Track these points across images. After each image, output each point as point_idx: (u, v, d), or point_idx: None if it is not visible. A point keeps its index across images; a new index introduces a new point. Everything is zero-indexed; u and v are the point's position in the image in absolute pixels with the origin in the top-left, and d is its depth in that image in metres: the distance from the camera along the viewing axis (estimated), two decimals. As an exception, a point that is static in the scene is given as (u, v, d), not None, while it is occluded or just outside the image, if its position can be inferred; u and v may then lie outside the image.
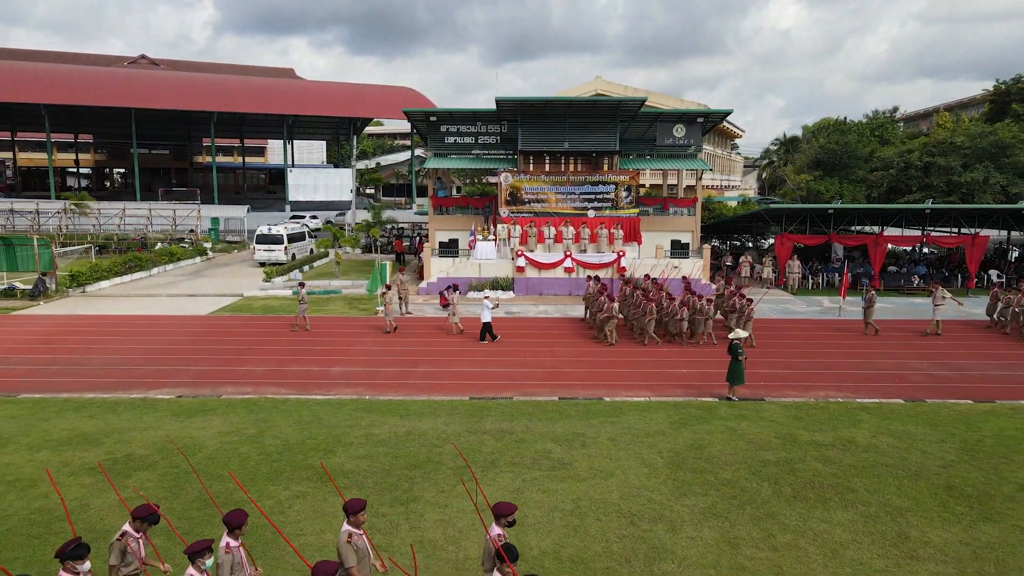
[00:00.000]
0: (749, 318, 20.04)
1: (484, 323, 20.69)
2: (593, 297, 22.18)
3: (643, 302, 20.86)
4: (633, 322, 21.28)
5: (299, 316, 21.91)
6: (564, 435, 13.03)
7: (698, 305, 20.69)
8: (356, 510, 6.95)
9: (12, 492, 10.53)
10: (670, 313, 20.76)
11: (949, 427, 13.56)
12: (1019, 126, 47.88)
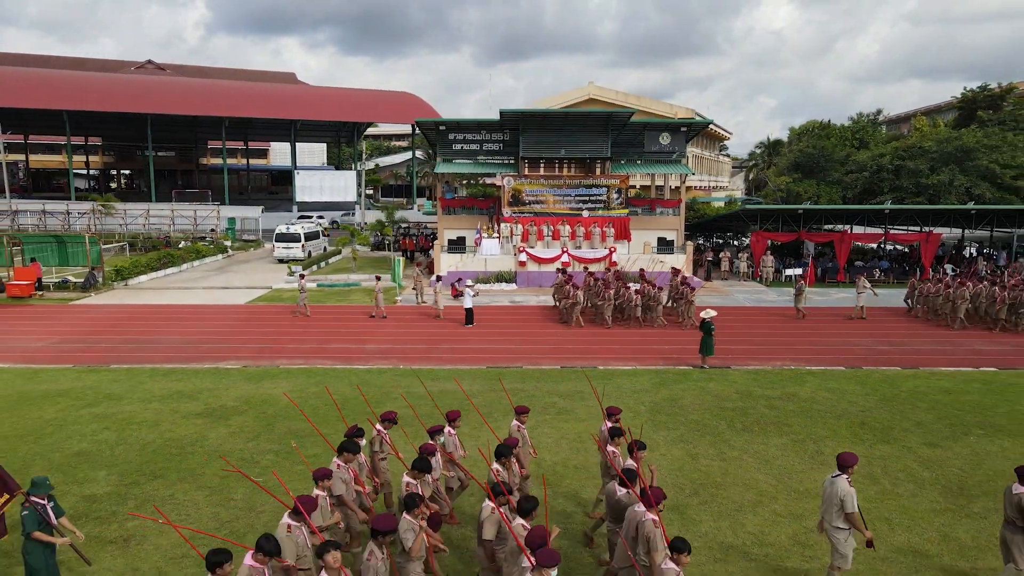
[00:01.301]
0: (691, 302, 23.42)
1: (467, 309, 23.84)
2: (560, 287, 25.38)
3: (603, 290, 24.12)
4: (596, 308, 24.51)
5: (300, 303, 24.99)
6: (566, 392, 16.22)
7: (651, 293, 23.98)
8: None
9: (144, 429, 13.65)
10: (626, 300, 24.02)
11: (875, 385, 16.84)
12: (984, 132, 51.36)
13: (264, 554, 6.19)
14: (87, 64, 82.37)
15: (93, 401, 15.38)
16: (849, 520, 7.92)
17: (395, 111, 70.87)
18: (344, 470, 8.46)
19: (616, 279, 25.96)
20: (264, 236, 50.45)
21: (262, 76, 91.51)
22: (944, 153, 47.94)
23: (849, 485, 7.97)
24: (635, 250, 33.11)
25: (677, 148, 34.12)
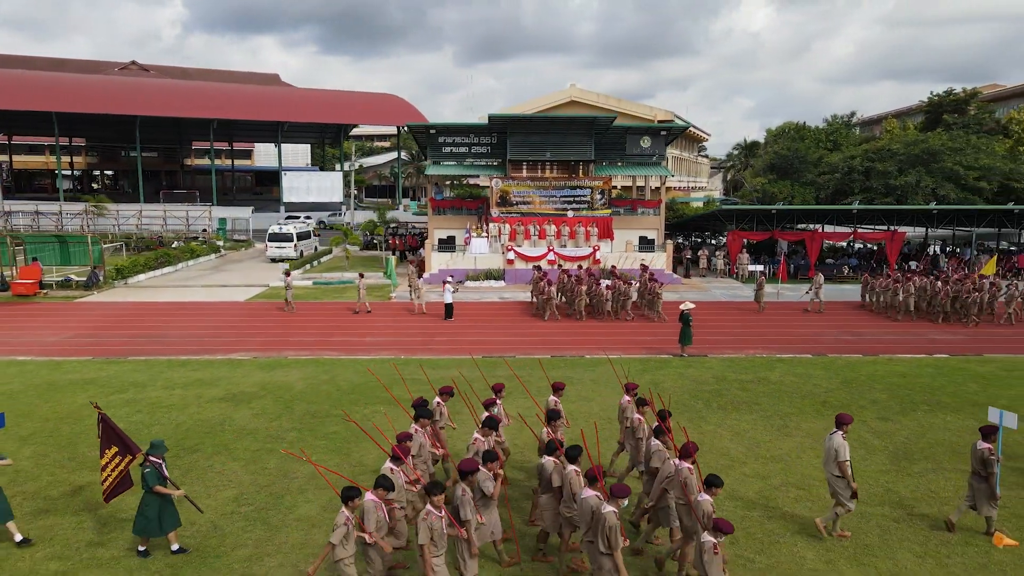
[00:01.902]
0: (658, 296, 25.05)
1: (447, 304, 25.19)
2: (536, 283, 26.81)
3: (575, 286, 25.62)
4: (569, 302, 25.98)
5: (286, 299, 26.29)
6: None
7: (621, 288, 25.52)
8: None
9: (173, 411, 14.89)
10: (597, 295, 25.53)
11: (838, 370, 18.48)
12: (949, 135, 53.66)
13: (384, 490, 7.84)
14: (69, 65, 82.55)
15: (120, 388, 16.58)
16: (841, 468, 9.47)
17: (380, 113, 72.04)
18: (421, 434, 9.97)
19: (588, 275, 27.43)
20: (254, 236, 51.45)
21: (246, 77, 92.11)
22: (911, 155, 50.12)
23: (843, 439, 9.57)
24: (618, 249, 34.70)
25: (657, 151, 35.74)
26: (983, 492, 9.67)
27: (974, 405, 15.48)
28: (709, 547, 7.21)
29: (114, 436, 9.57)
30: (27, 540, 9.35)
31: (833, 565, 9.05)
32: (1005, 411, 10.45)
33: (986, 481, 9.62)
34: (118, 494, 9.75)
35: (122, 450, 9.53)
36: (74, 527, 9.91)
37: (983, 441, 9.70)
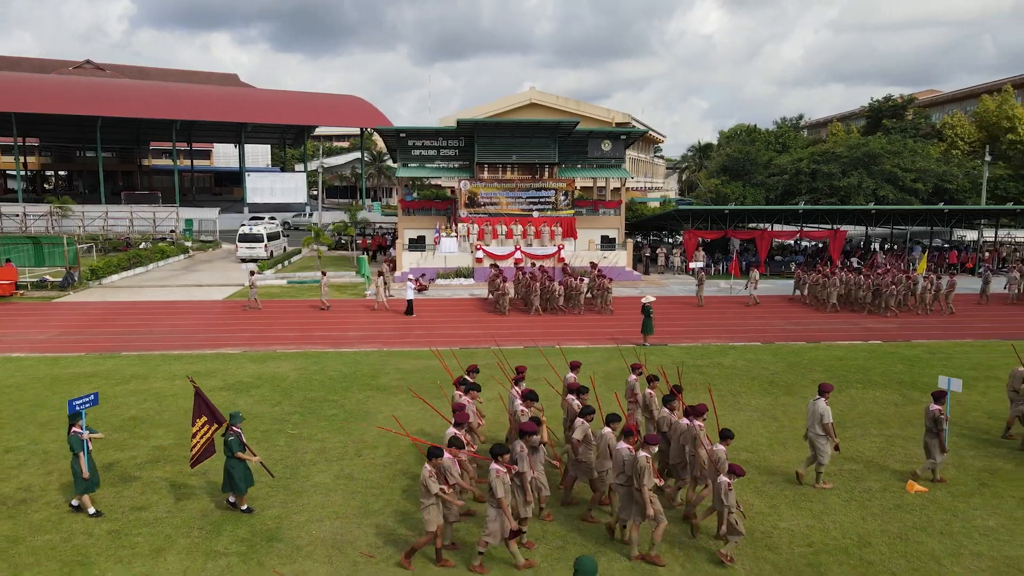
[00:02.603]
0: (607, 292, 26.85)
1: (408, 300, 26.56)
2: (492, 280, 28.34)
3: (530, 283, 27.25)
4: (524, 298, 27.57)
5: (251, 298, 27.30)
6: (534, 366, 19.21)
7: (573, 284, 27.24)
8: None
9: (179, 399, 15.98)
10: (550, 291, 27.19)
11: (784, 356, 20.47)
12: (888, 139, 56.93)
13: (457, 448, 9.53)
14: (23, 64, 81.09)
15: (122, 380, 17.59)
16: (825, 429, 11.31)
17: (344, 114, 72.65)
18: (472, 404, 11.61)
19: (541, 273, 29.02)
20: (221, 237, 51.86)
21: (205, 77, 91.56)
22: (854, 158, 53.10)
23: (826, 405, 11.40)
24: (581, 247, 36.47)
25: (617, 154, 37.62)
26: (935, 445, 11.56)
27: (900, 383, 17.57)
28: (725, 486, 9.09)
29: (204, 408, 10.82)
30: (99, 512, 10.49)
31: (776, 509, 10.79)
32: (952, 378, 12.38)
33: (937, 436, 11.52)
34: (203, 460, 10.96)
35: (210, 420, 10.80)
36: (114, 496, 11.09)
37: (934, 404, 11.62)
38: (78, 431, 10.44)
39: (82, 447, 10.35)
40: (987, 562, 9.25)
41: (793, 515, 10.56)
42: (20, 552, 9.38)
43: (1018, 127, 58.06)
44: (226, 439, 10.42)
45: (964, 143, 60.87)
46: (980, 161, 53.07)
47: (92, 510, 10.44)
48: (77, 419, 10.55)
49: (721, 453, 9.70)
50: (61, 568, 9.01)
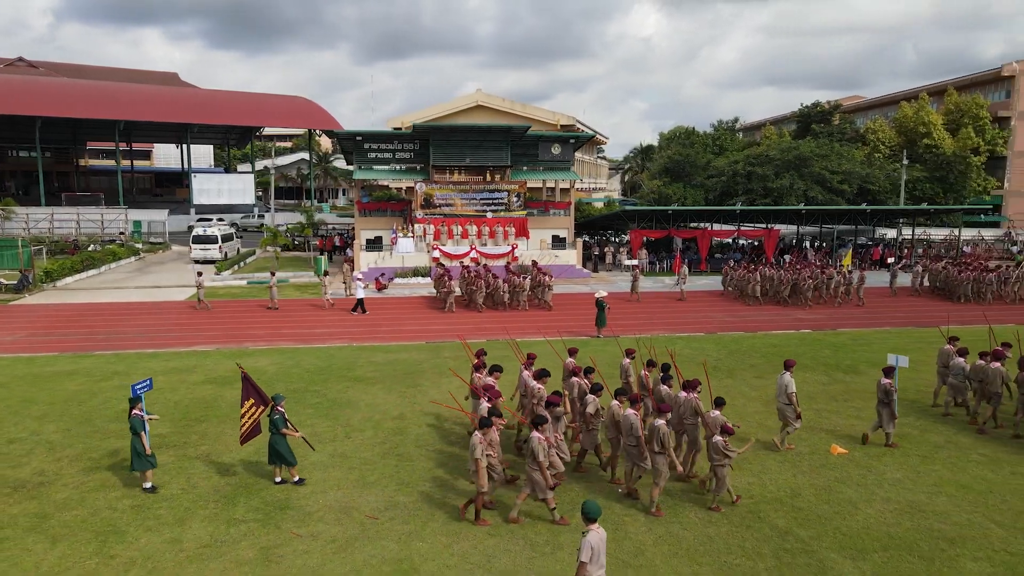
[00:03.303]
0: (548, 288, 28.50)
1: (358, 299, 27.62)
2: (439, 279, 29.63)
3: (474, 280, 28.68)
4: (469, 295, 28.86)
5: (199, 299, 27.97)
6: (497, 358, 20.52)
7: (516, 282, 28.74)
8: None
9: (167, 392, 16.81)
10: (494, 288, 28.67)
11: (725, 344, 22.44)
12: (816, 142, 60.36)
13: (499, 417, 10.95)
14: (-50, 61, 78.10)
15: (104, 377, 18.26)
16: (789, 398, 13.15)
17: (292, 116, 72.45)
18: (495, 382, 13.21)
19: (485, 271, 30.41)
20: (170, 238, 51.57)
21: (145, 76, 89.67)
22: (786, 161, 56.16)
23: (791, 378, 13.26)
24: (533, 247, 38.07)
25: (567, 157, 39.38)
26: (886, 415, 13.47)
27: (826, 366, 19.68)
28: (721, 444, 10.75)
29: (252, 390, 11.93)
30: (155, 487, 11.52)
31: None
32: (899, 355, 14.27)
33: (888, 406, 13.42)
34: (252, 438, 12.10)
35: (257, 401, 11.92)
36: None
37: (885, 378, 13.54)
38: (139, 413, 11.50)
39: (143, 427, 11.40)
40: (894, 505, 11.11)
41: (737, 475, 12.24)
42: (52, 526, 10.31)
43: (933, 132, 62.37)
44: (272, 417, 11.59)
45: (885, 147, 64.92)
46: (899, 164, 56.96)
47: (148, 484, 11.49)
48: (137, 402, 11.64)
49: (720, 418, 11.44)
50: (96, 537, 10.00)
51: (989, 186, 65.76)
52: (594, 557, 7.32)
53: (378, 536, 10.07)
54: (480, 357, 14.40)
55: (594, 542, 7.33)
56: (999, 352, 14.80)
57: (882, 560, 9.48)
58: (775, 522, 10.57)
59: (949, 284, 31.78)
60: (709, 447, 11.08)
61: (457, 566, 9.30)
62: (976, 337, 20.25)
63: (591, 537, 7.34)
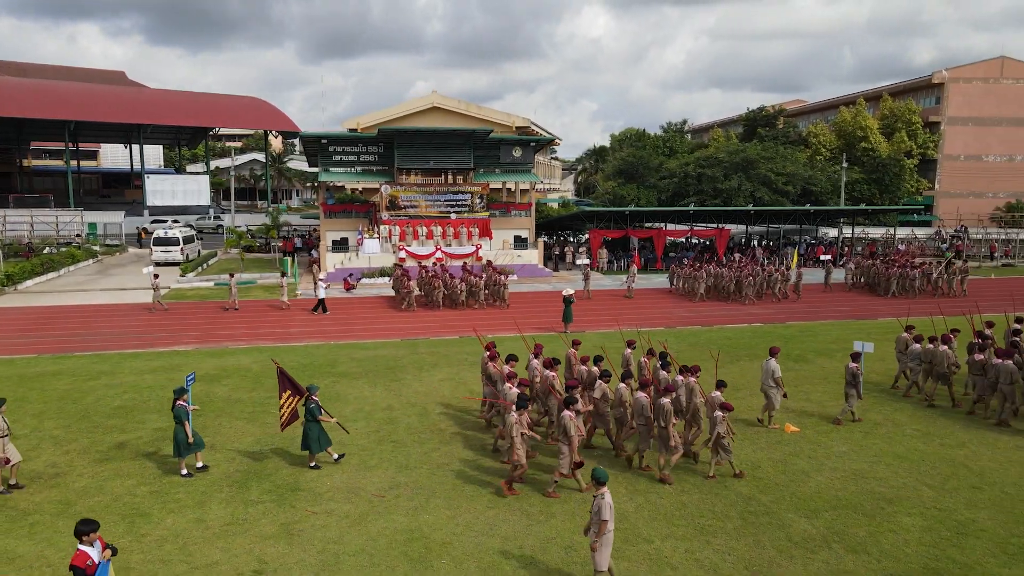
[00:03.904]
0: (505, 287, 29.65)
1: (320, 299, 28.22)
2: (398, 279, 30.37)
3: (432, 280, 29.67)
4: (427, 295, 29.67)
5: (154, 300, 28.16)
6: (473, 352, 21.65)
7: (473, 281, 29.80)
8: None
9: (155, 390, 17.37)
10: (452, 287, 29.72)
11: (685, 337, 23.96)
12: (762, 145, 63.00)
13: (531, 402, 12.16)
14: None
15: (91, 376, 18.69)
16: (776, 381, 14.68)
17: (247, 117, 72.08)
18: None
19: (443, 271, 31.37)
20: (127, 240, 51.01)
21: (91, 75, 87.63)
22: (734, 163, 58.51)
23: (776, 363, 14.73)
24: (496, 247, 39.18)
25: (527, 159, 40.63)
26: (852, 394, 15.11)
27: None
28: (721, 419, 12.18)
29: (288, 382, 12.87)
30: (206, 466, 12.54)
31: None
32: (865, 342, 16.08)
33: (855, 387, 15.05)
34: (290, 424, 13.00)
35: (293, 392, 12.82)
36: (139, 467, 12.73)
37: (852, 362, 15.15)
38: (183, 403, 12.33)
39: (187, 416, 12.25)
40: (840, 473, 12.60)
41: (705, 452, 13.61)
42: (78, 510, 10.99)
43: (870, 136, 65.73)
44: (307, 406, 12.50)
45: (826, 150, 68.11)
46: (839, 167, 59.94)
47: (192, 467, 12.44)
48: (183, 393, 12.48)
49: (720, 397, 12.82)
50: (123, 519, 10.75)
51: (921, 187, 69.57)
52: (611, 515, 8.58)
53: (387, 511, 11.06)
54: (492, 348, 15.38)
55: (610, 503, 8.60)
56: (947, 337, 16.69)
57: (832, 518, 10.92)
58: (740, 490, 11.93)
59: (878, 280, 34.11)
60: (710, 421, 12.51)
61: (463, 534, 10.38)
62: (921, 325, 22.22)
63: (608, 499, 8.62)
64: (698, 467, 12.90)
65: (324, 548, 9.93)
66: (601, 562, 8.66)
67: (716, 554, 9.84)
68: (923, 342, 17.13)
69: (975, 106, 69.09)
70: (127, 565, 9.49)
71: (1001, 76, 68.93)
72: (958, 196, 69.34)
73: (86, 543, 7.48)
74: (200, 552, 9.78)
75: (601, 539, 8.59)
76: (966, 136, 69.47)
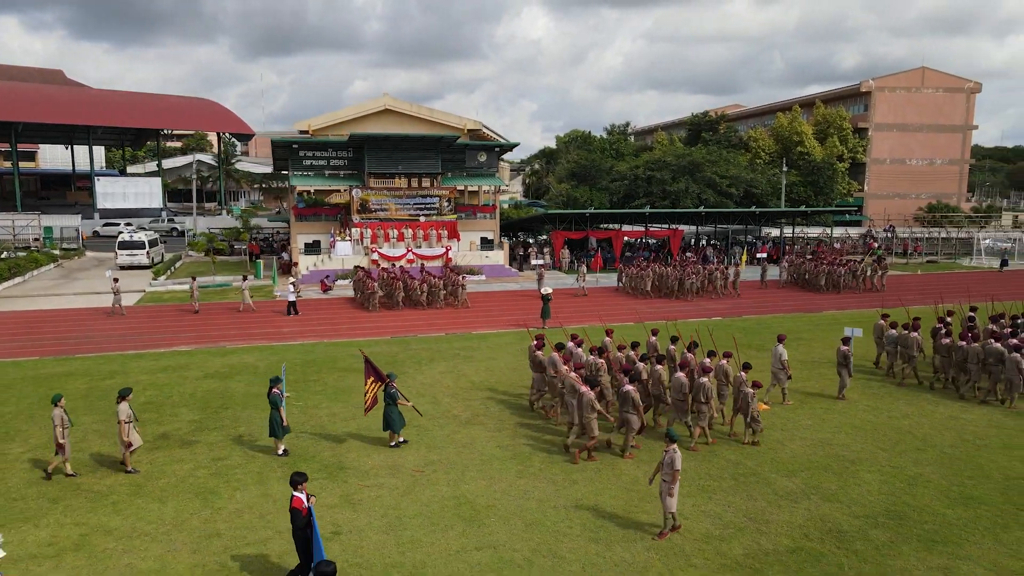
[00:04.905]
0: (463, 287, 31.13)
1: (290, 302, 29.04)
2: (361, 281, 31.73)
3: (392, 282, 31.10)
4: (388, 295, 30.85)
5: (113, 304, 28.28)
6: (463, 348, 23.28)
7: (432, 282, 31.20)
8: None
9: (176, 386, 18.38)
10: (412, 288, 31.18)
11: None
12: (707, 149, 66.22)
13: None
14: None
15: (105, 376, 19.49)
16: (782, 364, 16.67)
17: (199, 118, 71.53)
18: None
19: (403, 273, 32.71)
20: (84, 244, 50.45)
21: (25, 73, 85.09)
22: (681, 166, 61.46)
23: (783, 348, 16.71)
24: (463, 248, 40.72)
25: (491, 164, 42.29)
26: (844, 373, 17.40)
27: (740, 345, 23.54)
28: (750, 395, 14.19)
29: (372, 370, 14.21)
30: (287, 451, 13.89)
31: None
32: (854, 328, 18.51)
33: (846, 367, 17.30)
34: (372, 408, 14.43)
35: (376, 378, 14.18)
36: (189, 453, 13.90)
37: (843, 346, 17.35)
38: (278, 391, 13.69)
39: (281, 402, 13.66)
40: (807, 442, 14.74)
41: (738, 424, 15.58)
42: (151, 490, 12.19)
43: (805, 141, 69.84)
44: (387, 391, 13.95)
45: (765, 154, 71.97)
46: (779, 170, 63.62)
47: (281, 449, 13.87)
48: (278, 382, 13.87)
49: (743, 375, 14.77)
50: (196, 496, 11.99)
51: (852, 189, 74.29)
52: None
53: (430, 484, 12.61)
54: (539, 340, 17.03)
55: (680, 456, 10.62)
56: (916, 324, 19.25)
57: (807, 476, 13.00)
58: (728, 456, 13.92)
59: (808, 277, 37.04)
60: (739, 398, 14.55)
61: (502, 499, 12.02)
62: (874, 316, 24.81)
63: (679, 453, 10.66)
64: (700, 446, 14.83)
65: (386, 513, 11.43)
66: (672, 505, 10.65)
67: (718, 506, 11.77)
68: (897, 328, 19.64)
69: (899, 113, 74.16)
70: (216, 531, 10.81)
71: (922, 85, 74.16)
72: (885, 197, 74.33)
73: (300, 490, 9.34)
74: (277, 520, 11.15)
75: (675, 486, 10.52)
76: (891, 141, 74.51)
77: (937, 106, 74.52)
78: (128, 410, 12.73)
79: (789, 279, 38.33)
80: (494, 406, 17.10)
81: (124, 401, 12.78)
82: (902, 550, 10.36)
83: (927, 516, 11.42)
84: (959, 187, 77.72)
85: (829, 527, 11.05)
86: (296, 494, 9.32)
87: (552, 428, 15.53)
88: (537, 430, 15.40)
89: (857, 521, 11.24)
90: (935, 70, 75.09)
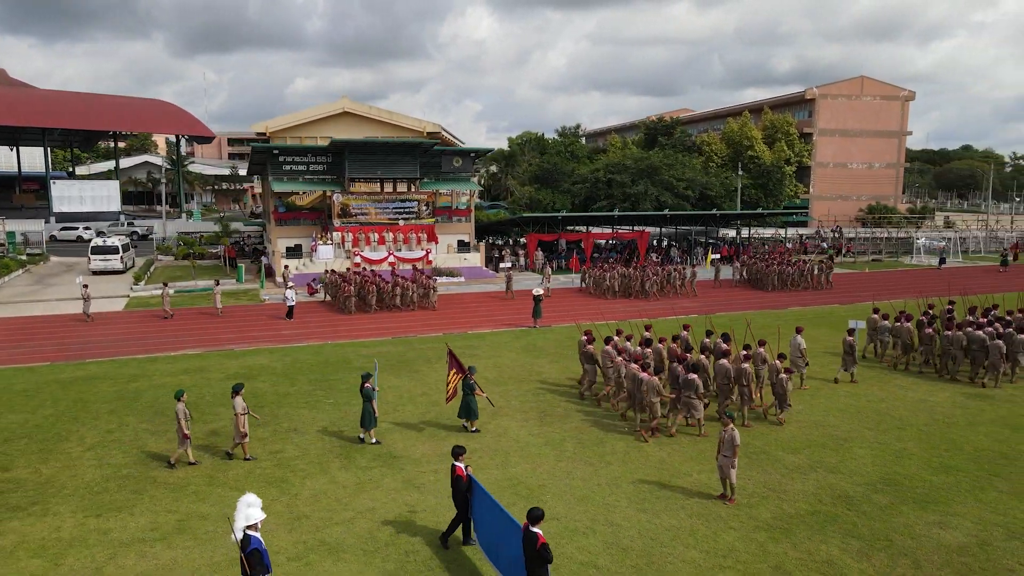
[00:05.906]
0: (434, 290, 32.25)
1: (289, 306, 29.62)
2: (335, 284, 32.55)
3: (366, 285, 32.17)
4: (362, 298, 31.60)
5: (84, 311, 28.46)
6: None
7: (405, 284, 32.13)
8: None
9: (204, 386, 19.09)
10: (386, 290, 32.17)
11: (631, 328, 27.76)
12: (663, 153, 68.71)
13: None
14: None
15: (130, 379, 20.05)
16: (802, 352, 18.54)
17: (156, 120, 70.56)
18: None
19: (376, 276, 33.65)
20: (49, 249, 49.57)
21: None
22: (639, 169, 63.72)
23: (802, 338, 18.57)
24: (442, 251, 41.85)
25: (466, 168, 43.52)
26: (850, 360, 19.33)
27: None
28: (785, 379, 15.90)
29: (454, 362, 15.41)
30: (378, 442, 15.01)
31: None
32: (857, 320, 20.77)
33: (851, 355, 19.19)
34: (452, 398, 15.72)
35: (458, 370, 15.38)
36: (250, 448, 14.82)
37: (848, 336, 19.34)
38: (370, 386, 14.79)
39: (374, 395, 14.79)
40: (804, 424, 16.55)
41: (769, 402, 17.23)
42: (225, 480, 13.13)
43: (755, 146, 73.18)
44: (466, 382, 15.24)
45: (718, 157, 75.04)
46: (731, 173, 66.58)
47: (373, 440, 15.01)
48: (369, 377, 15.01)
49: (778, 363, 16.39)
50: (268, 485, 12.99)
51: (799, 191, 78.09)
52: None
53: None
54: (589, 334, 18.54)
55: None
56: (908, 316, 21.51)
57: (809, 453, 14.77)
58: (737, 438, 15.60)
59: (759, 276, 39.44)
60: (775, 382, 16.29)
61: (550, 479, 13.40)
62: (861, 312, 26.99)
63: (737, 431, 12.30)
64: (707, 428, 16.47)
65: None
66: (734, 476, 12.29)
67: (740, 480, 13.35)
68: (890, 319, 21.80)
69: (840, 119, 78.31)
70: (300, 515, 11.88)
71: (861, 93, 78.48)
72: (829, 199, 78.37)
73: (460, 460, 10.93)
74: (353, 502, 12.29)
75: (735, 459, 12.13)
76: (834, 146, 78.63)
77: (875, 113, 78.94)
78: (243, 403, 13.92)
79: (742, 279, 40.63)
80: (514, 399, 18.42)
81: (237, 396, 13.97)
82: (902, 510, 12.17)
83: (917, 482, 13.29)
84: (896, 189, 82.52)
85: (838, 494, 12.80)
86: (456, 463, 10.90)
87: (574, 416, 16.94)
88: (561, 420, 16.80)
89: (860, 488, 13.03)
90: (873, 79, 79.55)
